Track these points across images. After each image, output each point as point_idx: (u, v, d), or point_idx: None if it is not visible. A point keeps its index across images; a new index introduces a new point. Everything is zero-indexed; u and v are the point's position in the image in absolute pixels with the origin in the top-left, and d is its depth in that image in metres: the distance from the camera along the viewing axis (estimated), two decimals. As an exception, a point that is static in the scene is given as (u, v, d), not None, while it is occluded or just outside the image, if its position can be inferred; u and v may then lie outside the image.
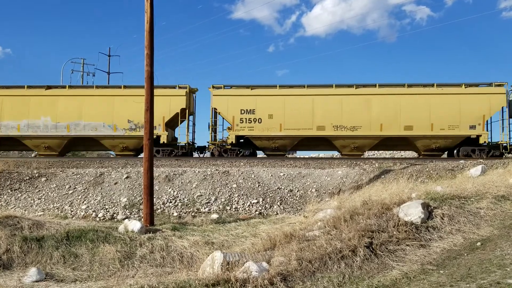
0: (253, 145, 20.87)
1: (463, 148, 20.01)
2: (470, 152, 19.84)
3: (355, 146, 20.29)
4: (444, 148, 20.57)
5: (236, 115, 20.46)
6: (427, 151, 20.56)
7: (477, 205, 7.72)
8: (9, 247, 8.03)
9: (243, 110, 20.49)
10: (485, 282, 4.60)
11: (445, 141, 20.16)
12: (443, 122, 19.86)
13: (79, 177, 14.85)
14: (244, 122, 20.47)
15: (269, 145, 20.67)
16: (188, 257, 8.23)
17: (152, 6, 10.94)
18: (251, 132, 20.42)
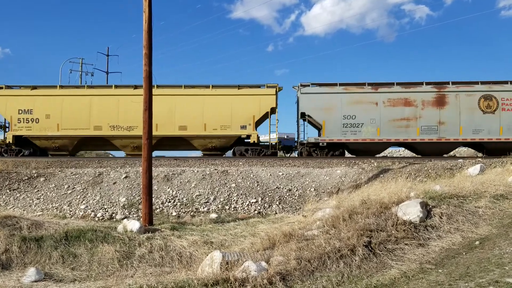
0: (34, 145, 21.30)
1: (237, 148, 20.86)
2: (243, 152, 20.66)
3: (134, 146, 20.89)
4: (220, 147, 21.26)
5: (14, 115, 20.95)
6: (206, 150, 21.44)
7: (476, 204, 7.73)
8: (8, 247, 8.02)
9: (20, 110, 20.96)
10: (483, 281, 4.60)
11: (219, 141, 20.93)
12: (216, 122, 20.72)
13: (78, 177, 14.83)
14: (22, 122, 20.93)
15: (49, 145, 21.23)
16: (187, 256, 8.23)
17: (151, 5, 10.93)
18: (28, 132, 20.89)
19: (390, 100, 20.28)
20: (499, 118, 19.94)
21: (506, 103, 19.96)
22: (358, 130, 20.19)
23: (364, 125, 20.16)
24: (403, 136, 20.07)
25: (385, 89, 20.48)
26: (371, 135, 20.14)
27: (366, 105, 20.30)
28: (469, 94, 20.14)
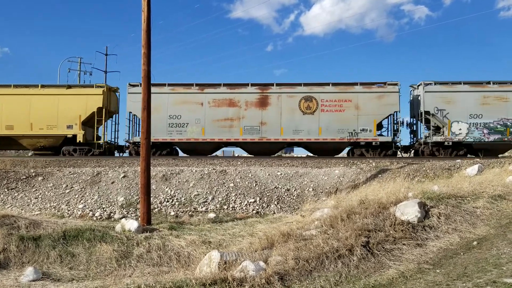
0: None
1: (65, 148, 20.96)
2: (72, 152, 20.82)
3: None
4: (49, 147, 21.33)
5: None
6: (36, 149, 21.63)
7: (474, 205, 7.74)
8: (5, 247, 8.01)
9: None
10: (481, 281, 4.61)
11: (47, 140, 21.03)
12: (43, 122, 20.77)
13: (76, 176, 14.81)
14: None
15: None
16: (185, 256, 8.22)
17: (149, 5, 10.92)
18: None
19: (215, 101, 20.65)
20: (318, 119, 20.33)
21: (325, 104, 20.35)
22: (184, 130, 20.55)
23: (189, 125, 20.53)
24: (227, 136, 20.45)
25: (211, 89, 20.82)
26: (196, 135, 20.51)
27: (192, 105, 20.65)
28: (291, 95, 20.53)
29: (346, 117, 20.21)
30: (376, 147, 20.18)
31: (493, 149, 20.17)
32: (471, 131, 19.94)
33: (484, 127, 19.91)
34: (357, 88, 20.47)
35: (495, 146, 20.10)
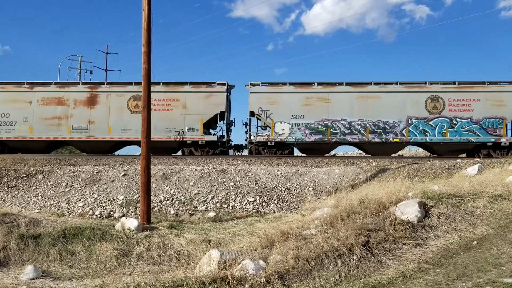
0: None
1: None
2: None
3: None
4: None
5: None
6: None
7: (474, 204, 7.75)
8: (5, 245, 8.01)
9: None
10: (481, 281, 4.61)
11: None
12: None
13: (76, 175, 14.82)
14: None
15: None
16: (185, 255, 8.23)
17: (150, 3, 10.91)
18: None
19: (44, 99, 20.68)
20: None
21: (154, 104, 19.82)
22: (12, 128, 20.59)
23: (18, 123, 20.58)
24: (55, 134, 20.55)
25: (40, 88, 20.86)
26: (24, 133, 20.55)
27: (21, 104, 20.67)
28: (120, 94, 20.68)
29: (174, 116, 20.48)
30: (204, 146, 20.45)
31: (315, 149, 20.56)
32: (294, 131, 20.25)
33: (306, 127, 20.25)
34: (185, 87, 20.72)
35: (317, 146, 20.45)
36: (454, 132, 19.85)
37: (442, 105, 20.04)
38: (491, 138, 19.68)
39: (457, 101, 20.04)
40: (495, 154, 19.56)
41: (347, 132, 20.16)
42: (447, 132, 19.90)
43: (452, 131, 19.87)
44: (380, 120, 19.99)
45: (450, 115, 19.95)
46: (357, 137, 20.06)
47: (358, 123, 20.06)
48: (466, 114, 19.87)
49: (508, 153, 19.41)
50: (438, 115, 20.03)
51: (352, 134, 20.12)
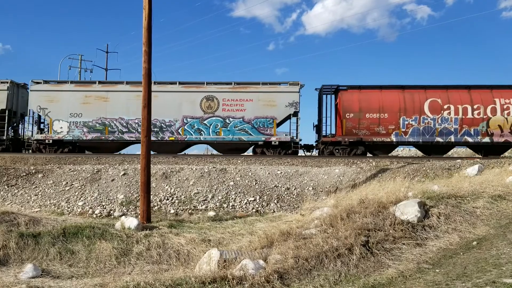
0: None
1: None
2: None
3: None
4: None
5: None
6: None
7: (474, 205, 7.74)
8: (5, 243, 8.01)
9: None
10: (480, 281, 4.61)
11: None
12: None
13: (76, 174, 14.82)
14: None
15: None
16: (185, 254, 8.23)
17: (151, 2, 10.91)
18: None
19: None
20: None
21: None
22: None
23: None
24: None
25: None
26: None
27: None
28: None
29: None
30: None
31: (95, 147, 20.93)
32: (72, 129, 20.46)
33: (84, 125, 20.49)
34: None
35: (96, 144, 20.74)
36: (228, 131, 20.38)
37: (217, 105, 20.49)
38: (262, 137, 20.31)
39: (231, 101, 20.53)
40: (268, 152, 20.29)
41: (125, 131, 20.52)
42: (220, 131, 20.41)
43: (226, 130, 20.39)
44: (157, 119, 20.24)
45: (224, 115, 20.45)
46: (134, 135, 20.38)
47: (136, 121, 20.33)
48: (239, 114, 20.40)
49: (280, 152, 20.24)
50: (212, 115, 20.50)
51: (129, 133, 20.50)
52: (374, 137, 19.91)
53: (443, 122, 19.85)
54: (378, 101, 20.02)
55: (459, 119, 19.83)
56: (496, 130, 19.68)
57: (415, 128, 19.91)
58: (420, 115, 19.90)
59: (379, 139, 19.96)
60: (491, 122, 19.69)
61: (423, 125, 19.90)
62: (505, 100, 19.85)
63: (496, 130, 19.68)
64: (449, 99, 20.00)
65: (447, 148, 20.93)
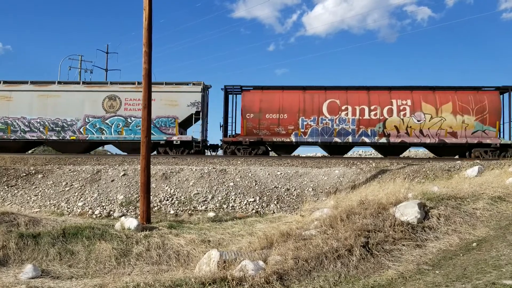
0: None
1: None
2: None
3: None
4: None
5: None
6: None
7: (473, 206, 7.74)
8: (5, 244, 8.01)
9: None
10: (480, 283, 4.61)
11: None
12: None
13: (76, 174, 14.81)
14: None
15: None
16: (185, 255, 8.23)
17: (151, 3, 10.92)
18: None
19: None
20: None
21: None
22: None
23: None
24: None
25: None
26: None
27: None
28: None
29: None
30: None
31: None
32: None
33: None
34: None
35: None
36: (130, 131, 20.49)
37: (119, 104, 20.60)
38: (163, 136, 20.47)
39: (133, 101, 20.61)
40: (172, 152, 20.53)
41: (27, 130, 20.60)
42: (122, 131, 20.49)
43: (128, 130, 20.51)
44: (59, 119, 20.49)
45: (126, 114, 20.59)
46: (36, 134, 20.56)
47: (38, 121, 20.52)
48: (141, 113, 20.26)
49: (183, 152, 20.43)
50: (114, 114, 20.60)
51: (31, 132, 20.61)
52: (274, 137, 19.95)
53: (341, 122, 19.91)
54: (278, 102, 19.99)
55: (356, 120, 19.85)
56: (393, 131, 19.74)
57: (314, 128, 19.98)
58: (319, 115, 19.95)
59: (279, 139, 19.99)
60: (388, 123, 19.75)
61: (322, 125, 19.97)
62: (402, 101, 19.89)
63: (393, 131, 19.74)
64: (348, 100, 20.03)
65: (346, 149, 20.97)
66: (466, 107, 19.60)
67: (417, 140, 19.70)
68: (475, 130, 19.57)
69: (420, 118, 19.68)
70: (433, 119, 19.65)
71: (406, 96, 19.96)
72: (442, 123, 19.62)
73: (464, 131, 19.55)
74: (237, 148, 20.25)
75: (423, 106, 19.71)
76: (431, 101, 19.81)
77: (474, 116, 19.52)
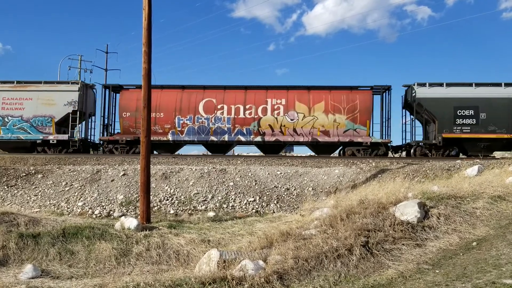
0: None
1: None
2: None
3: None
4: None
5: None
6: None
7: (473, 205, 7.74)
8: (5, 244, 8.01)
9: None
10: (480, 282, 4.61)
11: None
12: None
13: (76, 174, 14.81)
14: None
15: None
16: (185, 254, 8.23)
17: (150, 3, 10.91)
18: None
19: None
20: None
21: None
22: None
23: None
24: None
25: None
26: None
27: None
28: None
29: None
30: None
31: None
32: None
33: None
34: None
35: None
36: (7, 130, 20.52)
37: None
38: (40, 135, 20.48)
39: (11, 100, 20.65)
40: (49, 151, 20.47)
41: None
42: (0, 130, 20.47)
43: (5, 129, 20.52)
44: None
45: (3, 113, 20.54)
46: None
47: None
48: (18, 113, 20.53)
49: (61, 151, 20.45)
50: None
51: None
52: (152, 136, 19.93)
53: (217, 121, 20.03)
54: (155, 101, 19.65)
55: (231, 119, 19.99)
56: (267, 130, 19.93)
57: (191, 127, 20.13)
58: (195, 114, 20.08)
59: (156, 138, 20.01)
60: (262, 122, 19.93)
61: (198, 124, 20.10)
62: (276, 101, 20.07)
63: (267, 130, 19.93)
64: (224, 99, 20.15)
65: (224, 148, 21.02)
66: (338, 106, 19.92)
67: (291, 138, 19.99)
68: (346, 128, 19.91)
69: (293, 117, 19.95)
70: (306, 118, 19.92)
71: (281, 96, 20.20)
72: (315, 122, 19.89)
73: (336, 129, 19.89)
74: (114, 147, 20.44)
75: (297, 105, 19.98)
76: (304, 100, 20.07)
77: (346, 115, 19.86)
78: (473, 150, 19.43)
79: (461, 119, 19.46)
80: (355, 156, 19.47)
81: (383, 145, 19.95)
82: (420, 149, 20.00)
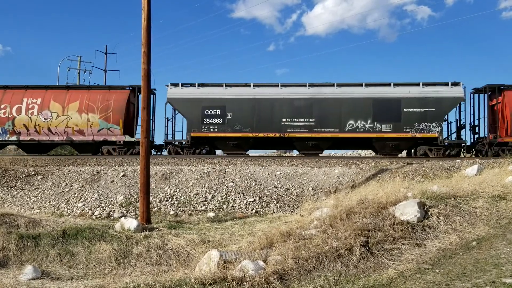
0: None
1: None
2: None
3: None
4: None
5: None
6: None
7: (473, 205, 7.75)
8: (5, 245, 8.00)
9: None
10: (480, 281, 4.62)
11: None
12: None
13: (76, 175, 14.81)
14: None
15: None
16: (185, 255, 8.23)
17: (149, 3, 10.91)
18: None
19: None
20: None
21: None
22: None
23: None
24: None
25: None
26: None
27: None
28: None
29: None
30: None
31: None
32: None
33: None
34: None
35: None
36: None
37: None
38: None
39: None
40: None
41: None
42: None
43: None
44: None
45: None
46: None
47: None
48: None
49: None
50: None
51: None
52: None
53: None
54: None
55: None
56: (22, 129, 20.29)
57: None
58: None
59: None
60: (17, 121, 20.24)
61: None
62: (32, 100, 20.43)
63: (22, 129, 20.29)
64: None
65: None
66: (92, 106, 20.41)
67: (46, 138, 20.41)
68: (100, 128, 20.44)
69: (47, 117, 20.31)
70: (59, 117, 20.32)
71: (38, 95, 20.57)
72: (68, 121, 20.32)
73: (90, 129, 20.40)
74: None
75: (52, 105, 20.34)
76: (60, 100, 20.48)
77: (99, 114, 20.34)
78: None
79: (208, 118, 20.22)
80: (355, 156, 19.45)
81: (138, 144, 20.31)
82: (173, 148, 20.68)
